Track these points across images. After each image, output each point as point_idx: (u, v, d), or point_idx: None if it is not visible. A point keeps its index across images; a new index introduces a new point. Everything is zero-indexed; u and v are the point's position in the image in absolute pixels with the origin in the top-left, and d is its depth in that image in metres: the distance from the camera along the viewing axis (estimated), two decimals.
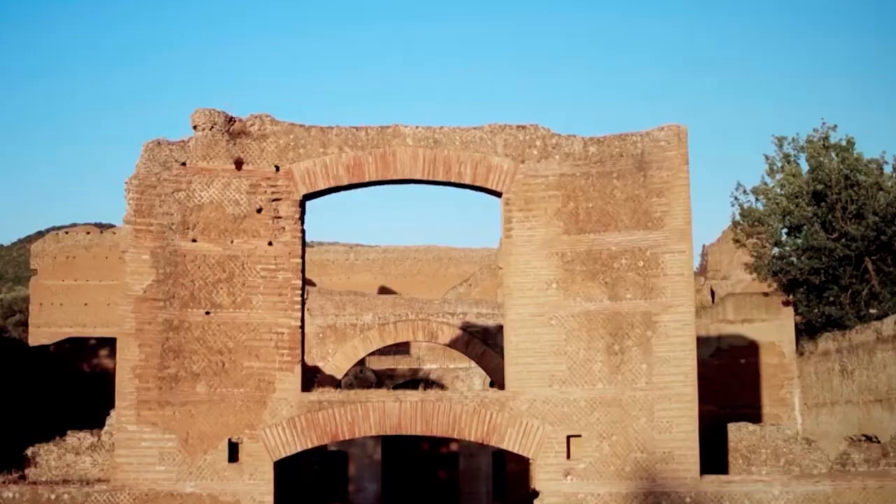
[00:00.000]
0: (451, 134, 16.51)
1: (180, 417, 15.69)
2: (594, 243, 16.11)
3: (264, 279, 16.13)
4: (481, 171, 16.39)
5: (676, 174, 16.09)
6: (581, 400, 15.82)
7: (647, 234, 16.02)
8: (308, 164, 16.39)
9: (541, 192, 16.30)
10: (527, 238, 16.23)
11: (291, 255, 16.26)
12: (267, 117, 16.58)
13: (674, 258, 15.93)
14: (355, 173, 16.46)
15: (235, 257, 16.11)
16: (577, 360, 15.92)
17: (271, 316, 16.04)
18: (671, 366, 15.79)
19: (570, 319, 16.00)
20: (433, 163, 16.44)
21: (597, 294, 16.00)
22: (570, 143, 16.43)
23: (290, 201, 16.33)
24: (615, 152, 16.32)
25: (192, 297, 15.93)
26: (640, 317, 15.90)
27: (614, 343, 15.92)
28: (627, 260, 16.02)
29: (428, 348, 34.14)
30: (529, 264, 16.16)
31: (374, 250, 60.15)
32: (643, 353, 15.84)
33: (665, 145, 16.20)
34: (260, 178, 16.33)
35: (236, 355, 15.92)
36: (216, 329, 15.93)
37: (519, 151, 16.42)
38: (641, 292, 15.92)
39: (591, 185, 16.23)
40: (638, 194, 16.12)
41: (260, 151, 16.40)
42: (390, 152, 16.46)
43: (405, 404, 16.04)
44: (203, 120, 16.44)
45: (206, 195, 16.18)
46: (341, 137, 16.47)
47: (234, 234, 16.16)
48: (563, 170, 16.33)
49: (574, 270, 16.08)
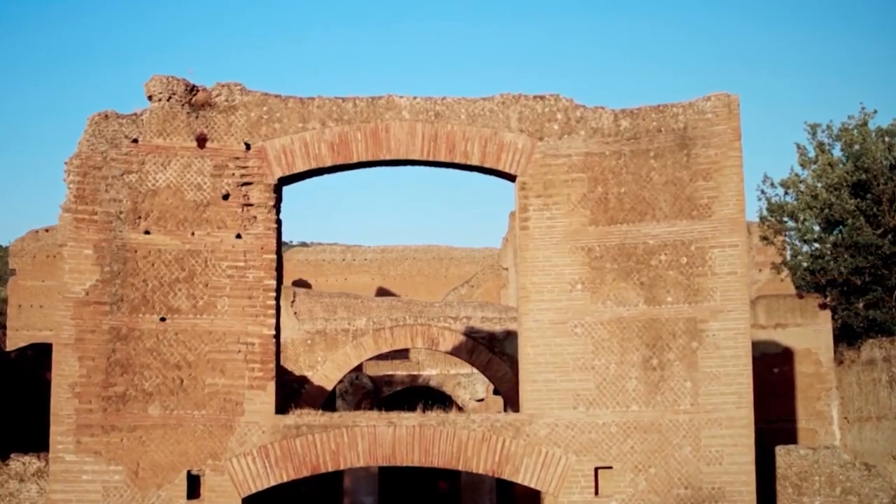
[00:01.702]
0: (456, 106, 13.83)
1: (129, 445, 13.06)
2: (627, 236, 13.42)
3: (231, 279, 13.47)
4: (492, 149, 13.70)
5: (726, 152, 13.40)
6: (612, 425, 13.14)
7: (691, 224, 13.32)
8: (285, 141, 13.72)
9: (563, 174, 13.61)
10: (546, 230, 13.53)
11: (264, 249, 13.59)
12: (236, 86, 13.93)
13: (724, 253, 13.23)
14: (341, 152, 13.78)
15: (197, 252, 13.46)
16: (608, 377, 13.23)
17: (240, 323, 13.38)
18: (721, 384, 13.10)
19: (598, 327, 13.30)
20: (434, 140, 13.76)
21: (631, 297, 13.30)
22: (598, 116, 13.75)
23: (262, 186, 13.67)
24: (652, 127, 13.62)
25: (144, 301, 13.29)
26: (684, 324, 13.21)
27: (652, 356, 13.23)
28: (668, 256, 13.32)
29: (428, 352, 31.57)
30: (549, 261, 13.47)
31: (372, 250, 58.39)
32: (687, 369, 13.15)
33: (712, 118, 13.50)
34: (227, 157, 13.67)
35: (197, 370, 13.27)
36: (173, 339, 13.29)
37: (537, 126, 13.73)
38: (685, 295, 13.22)
39: (623, 167, 13.54)
40: (680, 177, 13.43)
41: (227, 126, 13.74)
42: (383, 127, 13.78)
43: (401, 429, 13.37)
44: (159, 89, 13.79)
45: (161, 178, 13.54)
46: (324, 110, 13.80)
47: (196, 224, 13.50)
48: (590, 148, 13.63)
49: (603, 268, 13.39)
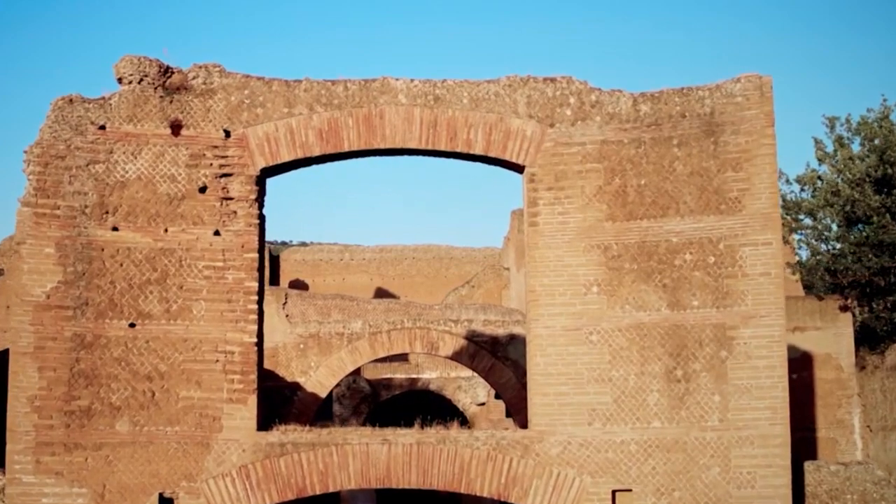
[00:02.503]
0: (458, 89, 12.50)
1: (94, 465, 11.72)
2: (648, 233, 12.08)
3: (209, 280, 12.13)
4: (497, 137, 12.37)
5: (758, 140, 12.05)
6: (631, 443, 11.80)
7: (719, 220, 11.99)
8: (268, 128, 12.38)
9: (576, 164, 12.28)
10: (558, 226, 12.20)
11: (245, 248, 12.25)
12: (215, 67, 12.59)
13: (756, 252, 11.89)
14: (330, 140, 12.44)
15: (170, 251, 12.12)
16: (627, 390, 11.89)
17: (218, 329, 12.04)
18: (753, 397, 11.75)
19: (616, 335, 11.97)
20: (433, 127, 12.43)
21: (652, 301, 11.97)
22: (616, 100, 12.41)
23: (243, 177, 12.33)
24: (675, 112, 12.29)
25: (111, 305, 11.95)
26: (711, 331, 11.87)
27: (676, 367, 11.89)
28: (693, 255, 11.99)
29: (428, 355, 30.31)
30: (561, 261, 12.13)
31: (370, 250, 57.15)
32: (715, 381, 11.81)
33: (743, 102, 12.16)
34: (204, 146, 12.33)
35: (170, 382, 11.94)
36: (144, 347, 11.95)
37: (547, 111, 12.40)
38: (712, 298, 11.89)
39: (643, 156, 12.21)
40: (707, 167, 12.10)
41: (205, 112, 12.40)
42: (377, 113, 12.45)
43: (396, 447, 12.03)
44: (130, 70, 12.45)
45: (132, 169, 12.20)
46: (312, 94, 12.47)
47: (169, 220, 12.17)
48: (607, 135, 12.30)
49: (621, 269, 12.06)
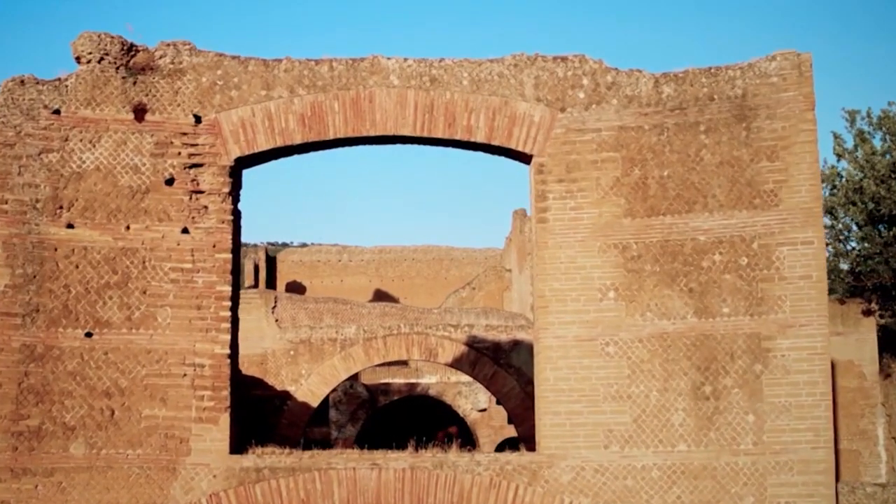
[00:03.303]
0: (457, 69, 11.12)
1: (46, 494, 10.37)
2: (672, 230, 10.70)
3: (176, 284, 10.75)
4: (501, 123, 10.99)
5: (796, 125, 10.67)
6: (654, 468, 10.41)
7: (753, 215, 10.60)
8: (244, 112, 11.01)
9: (590, 153, 10.89)
10: (570, 223, 10.81)
11: (217, 247, 10.88)
12: (184, 45, 11.22)
13: (795, 252, 10.50)
14: (314, 127, 11.06)
15: (133, 251, 10.75)
16: (648, 408, 10.50)
17: (185, 340, 10.66)
18: (792, 417, 10.36)
19: (636, 346, 10.58)
20: (429, 112, 11.05)
21: (677, 307, 10.58)
22: (635, 81, 11.02)
23: (216, 168, 10.96)
24: (702, 94, 10.90)
25: (65, 312, 10.58)
26: (744, 342, 10.48)
27: (704, 382, 10.50)
28: (724, 255, 10.60)
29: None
30: (574, 262, 10.75)
31: (369, 251, 56.13)
32: (749, 398, 10.42)
33: (779, 82, 10.77)
34: (171, 133, 10.96)
35: (132, 399, 10.57)
36: (102, 359, 10.58)
37: (557, 94, 11.01)
38: (746, 305, 10.50)
39: (666, 144, 10.82)
40: (739, 156, 10.71)
41: (173, 94, 11.03)
42: (366, 96, 11.07)
43: (387, 473, 10.65)
44: (89, 48, 11.08)
45: (89, 158, 10.84)
46: (293, 75, 11.09)
47: (132, 216, 10.80)
48: (625, 121, 10.91)
49: (642, 271, 10.67)
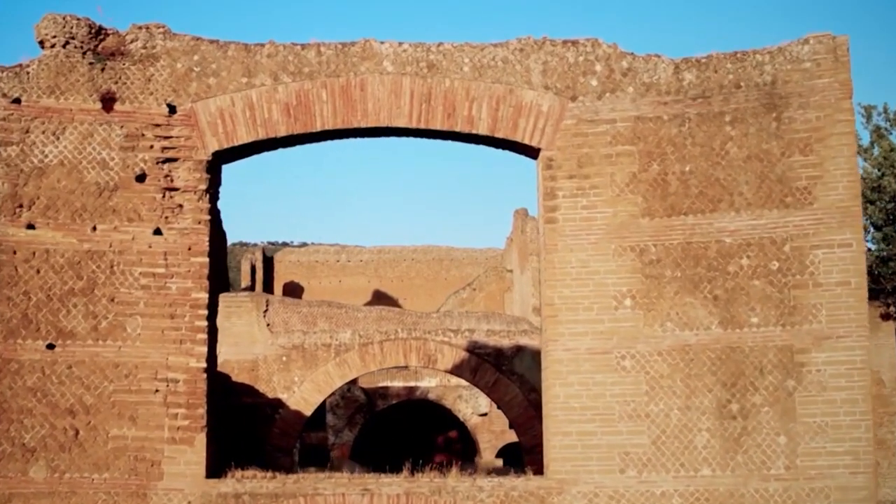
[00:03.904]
0: (457, 55, 10.11)
1: None
2: (695, 232, 9.69)
3: (147, 291, 9.75)
4: (506, 113, 9.98)
5: (832, 115, 9.66)
6: (675, 495, 9.40)
7: (784, 215, 9.59)
8: (223, 102, 10.01)
9: (604, 147, 9.89)
10: (582, 223, 9.80)
11: (193, 250, 9.88)
12: (158, 29, 10.22)
13: (831, 256, 9.50)
14: (300, 118, 10.06)
15: (100, 255, 9.76)
16: (669, 429, 9.49)
17: (158, 352, 9.67)
18: (829, 439, 9.35)
19: (655, 360, 9.57)
20: (427, 101, 10.05)
21: (701, 317, 9.57)
22: (653, 67, 10.01)
23: (192, 163, 9.96)
24: (728, 81, 9.89)
25: (25, 321, 9.59)
26: (775, 355, 9.47)
27: (731, 400, 9.49)
28: (752, 259, 9.59)
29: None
30: (586, 267, 9.74)
31: (368, 251, 55.11)
32: (780, 418, 9.41)
33: (812, 68, 9.76)
34: (143, 124, 9.96)
35: (98, 418, 9.58)
36: (65, 374, 9.60)
37: (568, 82, 10.01)
38: (777, 314, 9.49)
39: (688, 136, 9.82)
40: (768, 150, 9.70)
41: (145, 82, 10.03)
42: (357, 83, 10.07)
43: (380, 499, 9.65)
44: (54, 31, 10.10)
45: (52, 152, 9.85)
46: (277, 60, 10.09)
47: (99, 216, 9.81)
48: (642, 111, 9.91)
49: (662, 277, 9.66)
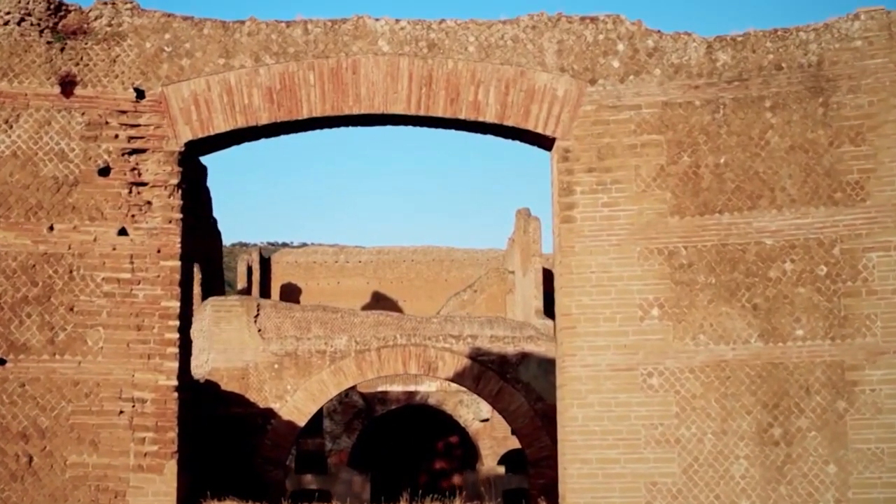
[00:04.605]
0: (461, 33, 8.98)
1: None
2: (731, 232, 8.55)
3: (111, 299, 8.63)
4: (516, 98, 8.85)
5: (888, 100, 8.52)
6: None
7: (833, 213, 8.45)
8: (197, 86, 8.88)
9: (628, 136, 8.75)
10: (603, 223, 8.66)
11: (163, 253, 8.75)
12: (125, 4, 9.13)
13: (888, 260, 8.35)
14: (284, 104, 8.92)
15: (57, 258, 8.63)
16: (702, 456, 8.35)
17: (122, 368, 8.54)
18: (886, 468, 8.21)
19: (686, 377, 8.43)
20: (427, 85, 8.91)
21: (738, 329, 8.43)
22: (683, 46, 8.88)
23: (162, 154, 8.83)
24: (768, 62, 8.75)
25: None
26: (824, 373, 8.34)
27: (773, 423, 8.35)
28: (796, 263, 8.46)
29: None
30: (608, 272, 8.60)
31: (367, 252, 54.11)
32: (829, 444, 8.27)
33: (864, 47, 8.63)
34: (107, 110, 8.84)
35: (54, 442, 8.46)
36: (17, 393, 8.51)
37: (586, 63, 8.87)
38: (825, 325, 8.35)
39: (722, 124, 8.68)
40: (814, 139, 8.57)
41: (110, 63, 8.91)
42: (348, 65, 8.94)
43: None
44: (8, 7, 9.08)
45: (4, 142, 8.81)
46: (259, 39, 8.96)
47: (57, 213, 8.68)
48: (670, 95, 8.77)
49: (693, 283, 8.52)
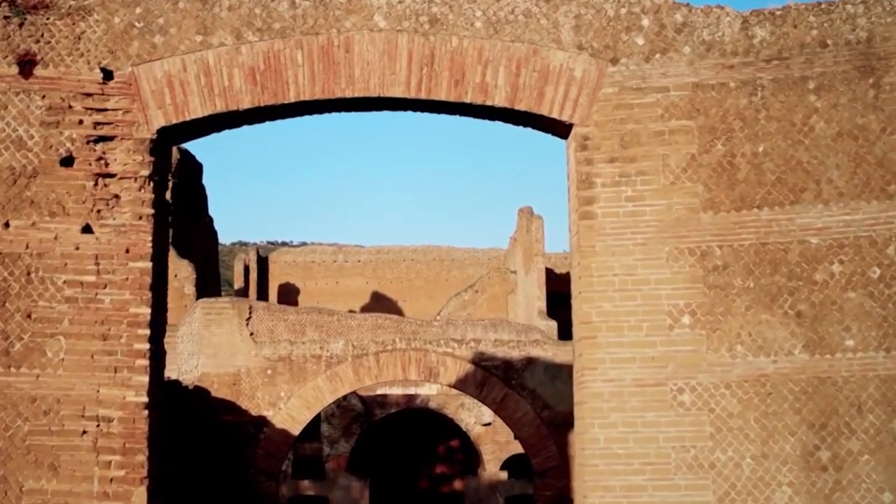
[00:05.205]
0: (466, 6, 8.02)
1: None
2: (772, 230, 7.59)
3: (73, 305, 7.68)
4: (529, 80, 7.89)
5: None
6: None
7: (887, 208, 7.49)
8: (172, 66, 7.92)
9: (654, 122, 7.79)
10: (626, 219, 7.70)
11: (132, 253, 7.79)
12: None
13: None
14: (269, 86, 7.96)
15: (13, 258, 7.69)
16: (740, 483, 7.39)
17: (85, 383, 7.59)
18: None
19: (722, 394, 7.47)
20: (429, 65, 7.95)
21: (780, 339, 7.48)
22: (715, 21, 7.92)
23: (132, 142, 7.87)
24: (811, 39, 7.80)
25: None
26: (878, 388, 7.38)
27: (820, 445, 7.40)
28: (845, 265, 7.50)
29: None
30: (633, 274, 7.64)
31: (366, 251, 53.41)
32: (885, 469, 7.31)
33: None
34: (71, 93, 7.88)
35: (9, 466, 7.52)
36: None
37: (607, 40, 7.92)
38: (878, 335, 7.39)
39: (761, 108, 7.72)
40: (864, 125, 7.61)
41: (74, 41, 7.95)
42: (341, 42, 7.98)
43: None
44: None
45: None
46: (240, 14, 8.00)
47: (13, 209, 7.74)
48: (702, 76, 7.82)
49: (729, 288, 7.56)
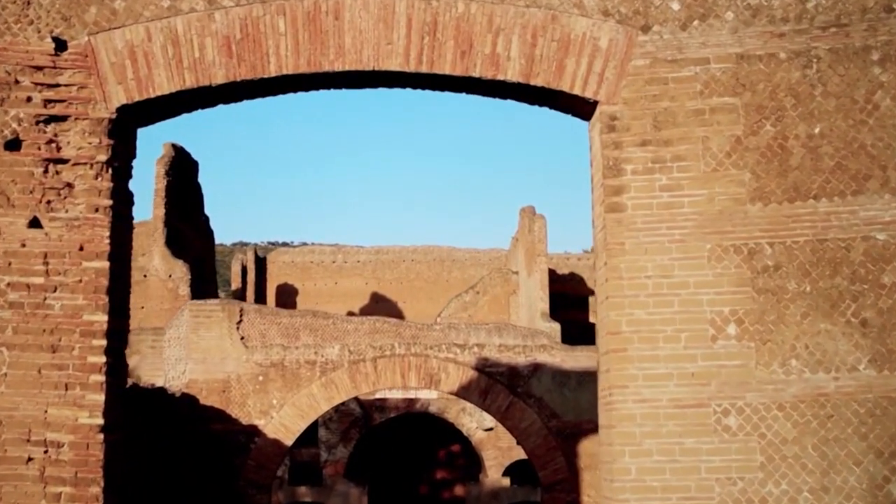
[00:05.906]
0: None
1: None
2: (831, 224, 6.53)
3: (18, 311, 6.64)
4: (547, 51, 6.83)
5: None
6: None
7: None
8: (134, 35, 6.86)
9: (692, 99, 6.73)
10: (661, 212, 6.64)
11: (87, 251, 6.73)
12: None
13: None
14: (246, 58, 6.90)
15: None
16: None
17: (31, 402, 6.54)
18: None
19: (774, 416, 6.41)
20: (431, 33, 6.89)
21: (842, 352, 6.41)
22: None
23: (88, 122, 6.82)
24: (874, 4, 6.74)
25: None
26: None
27: (890, 477, 6.33)
28: None
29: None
30: (669, 276, 6.57)
31: (366, 251, 52.62)
32: None
33: None
34: (18, 66, 6.84)
35: None
36: None
37: (637, 4, 6.86)
38: None
39: (817, 83, 6.66)
40: None
41: (22, 6, 6.91)
42: (329, 7, 6.92)
43: None
44: None
45: None
46: None
47: None
48: (747, 46, 6.75)
49: (782, 292, 6.50)
